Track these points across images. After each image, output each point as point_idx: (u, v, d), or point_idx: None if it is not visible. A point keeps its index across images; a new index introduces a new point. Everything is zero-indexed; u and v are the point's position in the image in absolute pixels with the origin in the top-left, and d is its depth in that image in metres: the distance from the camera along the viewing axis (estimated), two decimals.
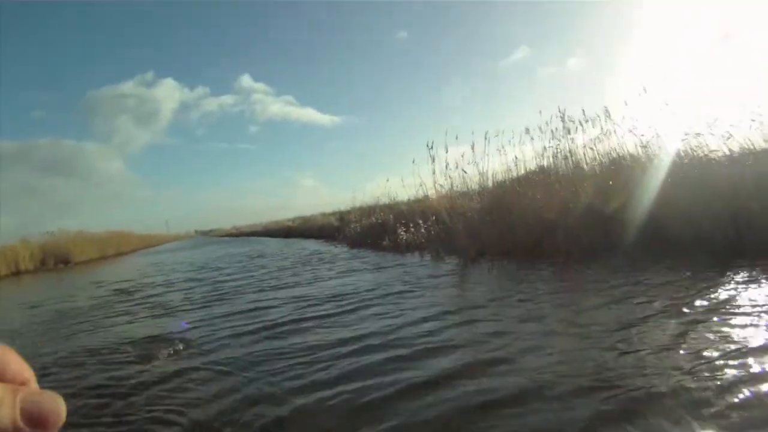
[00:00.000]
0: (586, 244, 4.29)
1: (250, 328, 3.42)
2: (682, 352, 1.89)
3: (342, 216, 14.67)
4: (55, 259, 19.22)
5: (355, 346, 2.61)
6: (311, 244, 13.43)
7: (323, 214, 20.08)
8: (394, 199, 11.00)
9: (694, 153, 4.19)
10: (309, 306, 3.98)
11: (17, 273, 16.99)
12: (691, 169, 4.01)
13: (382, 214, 10.38)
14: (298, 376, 2.26)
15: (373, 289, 4.40)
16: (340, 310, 3.68)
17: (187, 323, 4.04)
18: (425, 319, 3.04)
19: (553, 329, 2.50)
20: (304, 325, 3.34)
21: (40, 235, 20.26)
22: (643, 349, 1.96)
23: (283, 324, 3.42)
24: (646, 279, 3.24)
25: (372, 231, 9.79)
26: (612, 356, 1.95)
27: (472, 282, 4.42)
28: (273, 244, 16.40)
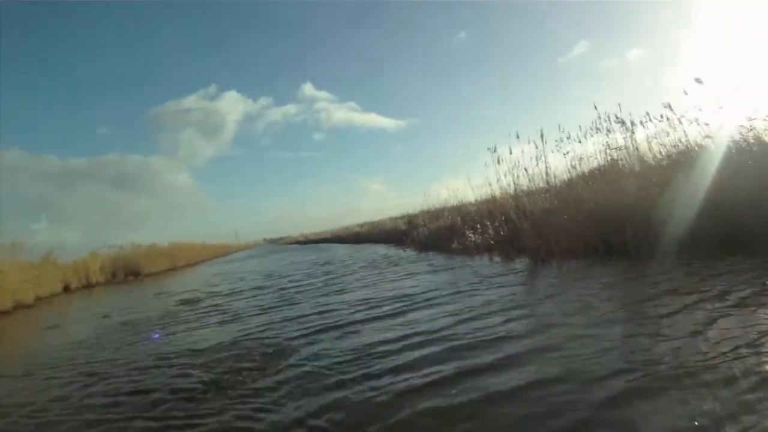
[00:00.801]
0: (653, 240, 4.35)
1: (316, 328, 3.79)
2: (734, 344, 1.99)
3: (410, 219, 15.06)
4: (126, 272, 19.81)
5: (415, 341, 2.97)
6: (379, 249, 13.93)
7: (391, 218, 20.55)
8: (461, 200, 11.20)
9: (762, 138, 4.11)
10: (374, 306, 4.33)
11: (88, 286, 17.48)
12: (761, 156, 3.95)
13: (449, 216, 10.63)
14: (361, 367, 2.60)
15: (438, 290, 4.70)
16: (404, 308, 4.06)
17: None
18: (485, 315, 3.32)
19: (606, 321, 2.68)
20: (369, 322, 3.70)
21: (108, 248, 20.73)
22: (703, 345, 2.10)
23: (348, 323, 3.77)
24: (716, 273, 3.26)
25: (440, 234, 10.09)
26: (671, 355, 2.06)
27: (537, 281, 4.55)
28: (341, 250, 17.08)
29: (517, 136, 6.81)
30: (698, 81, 5.02)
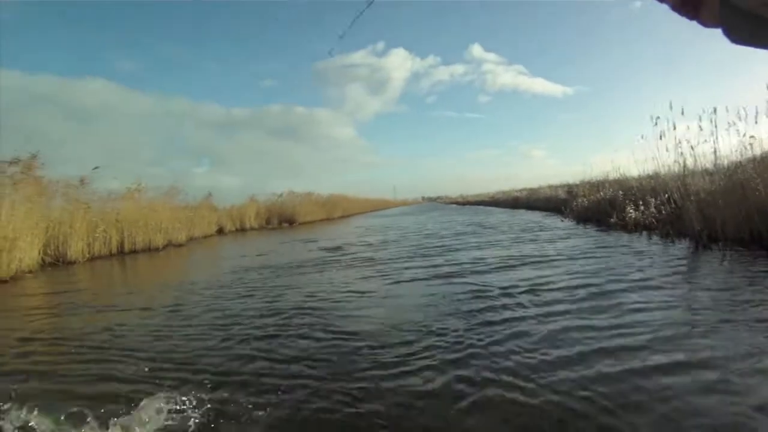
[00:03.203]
0: None
1: (440, 272, 4.65)
2: None
3: (570, 189, 14.54)
4: (280, 219, 20.00)
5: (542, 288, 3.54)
6: (536, 216, 13.87)
7: (550, 186, 19.87)
8: (623, 174, 10.56)
9: None
10: (508, 258, 5.13)
11: (242, 230, 17.96)
12: None
13: (610, 189, 10.18)
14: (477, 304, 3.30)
15: (578, 255, 5.18)
16: (544, 264, 4.72)
17: None
18: (621, 282, 3.66)
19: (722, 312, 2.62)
20: (493, 272, 4.49)
21: (266, 195, 20.88)
22: None
23: (474, 272, 4.55)
24: None
25: (599, 206, 9.80)
26: None
27: (692, 266, 4.29)
28: (497, 214, 17.18)
29: (682, 113, 6.31)
30: None
